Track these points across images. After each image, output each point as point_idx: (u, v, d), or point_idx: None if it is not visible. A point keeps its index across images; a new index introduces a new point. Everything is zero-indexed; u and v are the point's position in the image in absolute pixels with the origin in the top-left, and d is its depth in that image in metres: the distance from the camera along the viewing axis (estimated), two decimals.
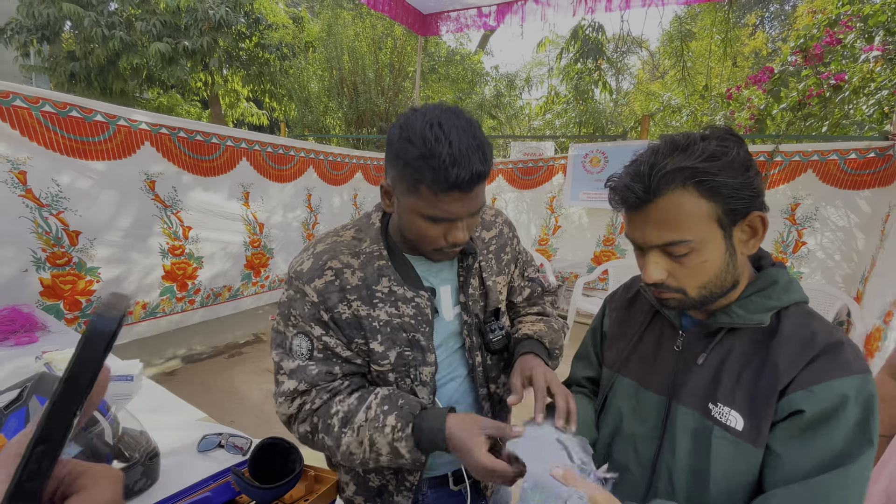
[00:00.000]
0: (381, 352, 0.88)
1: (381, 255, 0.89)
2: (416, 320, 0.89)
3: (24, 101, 2.38)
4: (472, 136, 0.74)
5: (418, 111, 0.77)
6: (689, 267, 0.70)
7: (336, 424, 0.83)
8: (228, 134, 3.55)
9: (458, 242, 0.82)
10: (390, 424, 0.80)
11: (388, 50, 8.39)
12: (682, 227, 0.67)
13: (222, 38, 6.83)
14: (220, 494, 1.00)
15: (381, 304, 0.87)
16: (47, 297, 2.64)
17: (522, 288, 1.11)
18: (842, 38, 3.79)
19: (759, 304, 0.73)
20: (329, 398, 0.86)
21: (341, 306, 0.86)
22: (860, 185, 3.30)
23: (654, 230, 0.69)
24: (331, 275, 0.87)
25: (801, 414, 0.65)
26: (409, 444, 0.80)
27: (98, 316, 0.29)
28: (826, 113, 4.16)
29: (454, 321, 0.97)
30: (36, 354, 1.61)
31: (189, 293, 3.49)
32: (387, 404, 0.83)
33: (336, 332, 0.87)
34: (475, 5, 3.87)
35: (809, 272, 3.58)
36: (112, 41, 6.38)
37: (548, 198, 4.87)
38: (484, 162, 0.75)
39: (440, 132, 0.72)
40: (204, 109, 10.49)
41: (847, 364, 0.66)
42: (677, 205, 0.67)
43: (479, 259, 0.98)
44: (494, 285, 1.00)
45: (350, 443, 0.83)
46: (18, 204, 2.45)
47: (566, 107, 8.92)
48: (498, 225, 1.06)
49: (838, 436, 0.64)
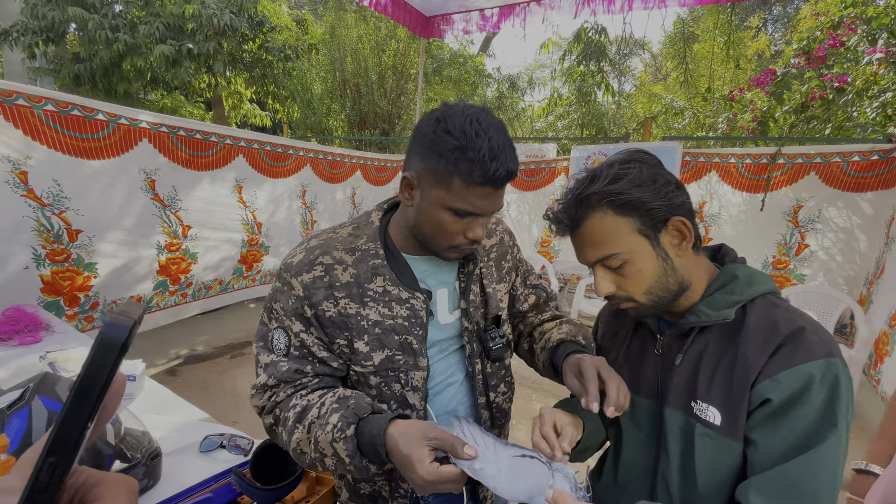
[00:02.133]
0: (365, 352, 0.85)
1: (378, 253, 0.87)
2: (410, 322, 0.86)
3: (26, 101, 2.40)
4: (505, 135, 0.78)
5: (455, 107, 0.79)
6: (628, 276, 0.77)
7: (291, 419, 0.80)
8: (228, 133, 3.57)
9: (477, 239, 0.83)
10: (332, 423, 0.75)
11: (391, 52, 8.41)
12: (609, 242, 0.75)
13: (227, 41, 6.85)
14: (222, 495, 1.01)
15: (372, 303, 0.85)
16: (48, 293, 2.66)
17: (527, 296, 1.08)
18: (845, 40, 3.78)
19: (722, 301, 0.77)
20: (293, 392, 0.84)
21: (327, 303, 0.84)
22: (863, 187, 3.29)
23: (588, 250, 0.78)
24: (320, 270, 0.85)
25: (769, 402, 0.68)
26: (350, 448, 0.73)
27: (109, 323, 0.29)
28: (829, 115, 4.15)
29: (450, 325, 0.94)
30: (40, 354, 1.62)
31: (181, 287, 3.50)
32: (338, 403, 0.78)
33: (317, 329, 0.85)
34: (477, 7, 3.88)
35: (812, 274, 3.57)
36: (116, 44, 6.41)
37: (550, 200, 4.87)
38: (515, 162, 0.78)
39: (479, 127, 0.74)
40: (207, 111, 10.53)
41: (809, 349, 0.68)
42: (598, 225, 0.76)
43: (479, 265, 0.97)
44: (495, 293, 0.99)
45: (300, 440, 0.79)
46: (21, 204, 2.47)
47: (568, 109, 8.92)
48: (498, 233, 1.04)
49: (804, 419, 0.67)
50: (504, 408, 1.04)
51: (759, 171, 3.64)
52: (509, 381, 1.05)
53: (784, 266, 3.68)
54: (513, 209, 5.14)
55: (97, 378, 0.28)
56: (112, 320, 0.29)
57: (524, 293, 1.08)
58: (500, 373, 1.02)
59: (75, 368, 1.48)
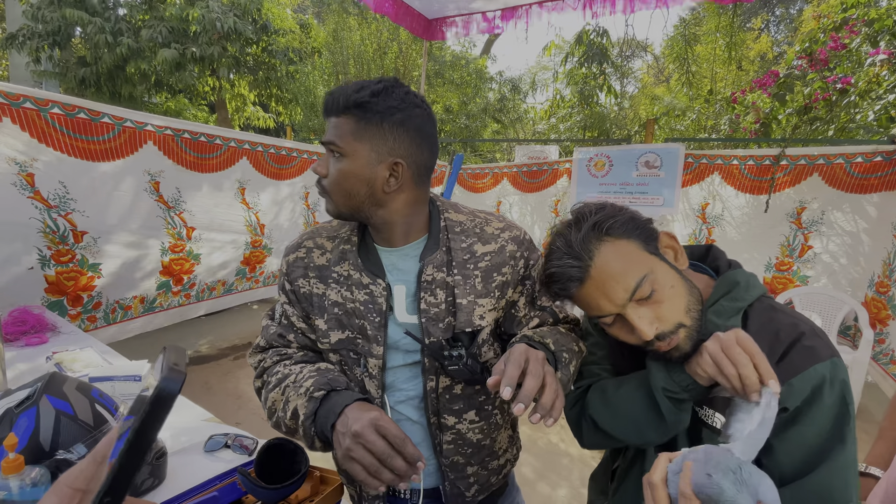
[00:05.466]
0: (323, 330, 0.90)
1: (350, 239, 0.91)
2: (367, 307, 0.86)
3: (33, 104, 2.42)
4: (377, 82, 0.81)
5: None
6: (665, 300, 0.70)
7: (272, 382, 0.87)
8: (232, 136, 3.59)
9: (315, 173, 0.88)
10: (306, 385, 0.79)
11: (393, 55, 8.45)
12: (631, 268, 0.70)
13: (231, 45, 6.90)
14: (227, 494, 1.01)
15: (335, 284, 0.89)
16: (52, 293, 2.68)
17: (529, 318, 0.94)
18: (847, 42, 3.78)
19: (729, 308, 0.75)
20: (279, 360, 0.92)
21: (302, 281, 0.92)
22: (867, 189, 3.28)
23: (613, 287, 0.70)
24: (303, 252, 0.93)
25: (786, 411, 0.68)
26: (310, 409, 0.75)
27: (166, 378, 0.32)
28: (832, 117, 4.15)
29: (411, 328, 0.88)
30: (46, 355, 1.63)
31: (185, 287, 3.51)
32: (316, 372, 0.84)
33: (295, 304, 0.93)
34: (480, 10, 3.89)
35: (815, 276, 3.56)
36: (119, 48, 6.45)
37: (552, 201, 4.87)
38: (355, 92, 0.79)
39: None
40: (211, 114, 10.58)
41: (815, 352, 0.69)
42: (612, 255, 0.71)
43: (453, 272, 0.87)
44: (471, 306, 0.87)
45: (276, 399, 0.84)
46: (28, 205, 2.49)
47: (571, 111, 8.93)
48: (501, 240, 0.91)
49: (820, 423, 0.67)
50: (471, 439, 0.93)
51: (762, 172, 3.64)
52: (488, 410, 0.94)
53: (787, 268, 3.67)
54: (515, 211, 5.14)
55: (154, 428, 0.31)
56: (168, 375, 0.32)
57: (528, 315, 0.94)
58: (472, 398, 0.92)
59: (81, 369, 1.49)
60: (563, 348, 0.81)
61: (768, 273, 3.71)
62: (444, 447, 0.92)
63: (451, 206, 0.95)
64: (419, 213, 0.89)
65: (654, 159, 3.93)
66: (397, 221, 0.86)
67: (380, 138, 0.79)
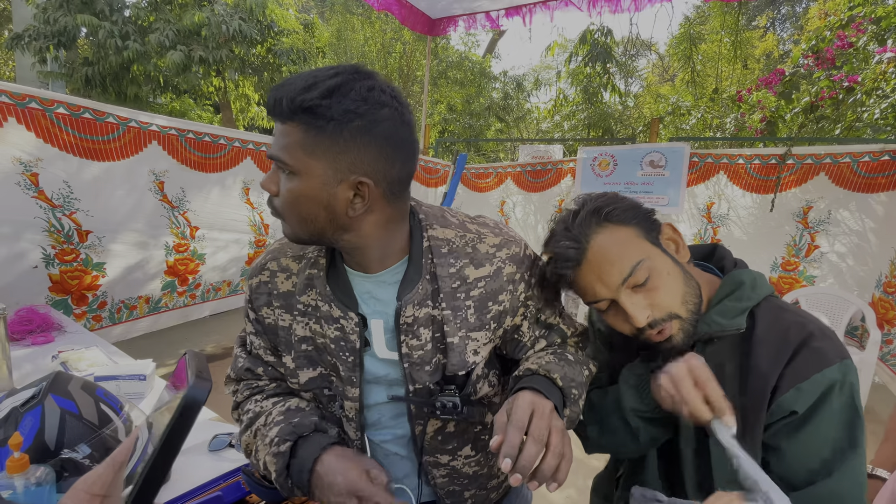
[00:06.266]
0: (291, 368, 0.78)
1: (317, 262, 0.76)
2: (338, 346, 0.74)
3: (39, 104, 2.44)
4: (325, 71, 0.64)
5: None
6: (660, 287, 0.70)
7: (244, 422, 0.81)
8: (237, 136, 3.60)
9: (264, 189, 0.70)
10: (270, 436, 0.72)
11: (397, 54, 8.45)
12: (627, 253, 0.70)
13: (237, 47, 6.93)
14: (231, 493, 1.01)
15: (301, 317, 0.76)
16: (56, 292, 2.70)
17: (536, 339, 0.82)
18: (854, 40, 3.75)
19: (733, 308, 0.73)
20: (249, 395, 0.84)
21: (266, 310, 0.80)
22: (874, 188, 3.25)
23: (608, 270, 0.70)
24: (266, 276, 0.81)
25: (795, 414, 0.67)
26: (279, 465, 0.69)
27: (193, 386, 0.33)
28: (838, 115, 4.11)
29: (393, 364, 0.76)
30: (52, 354, 1.64)
31: (190, 287, 3.53)
32: (283, 415, 0.75)
33: (262, 335, 0.83)
34: (483, 9, 3.89)
35: (822, 276, 3.53)
36: (127, 52, 6.49)
37: (556, 201, 4.86)
38: (305, 90, 0.60)
39: None
40: (216, 114, 10.63)
41: (825, 355, 0.67)
42: (609, 239, 0.71)
43: (440, 306, 0.72)
44: (463, 342, 0.74)
45: (248, 442, 0.78)
46: (32, 205, 2.51)
47: (574, 109, 8.91)
48: (497, 261, 0.75)
49: (830, 427, 0.66)
50: (467, 472, 0.85)
51: (768, 171, 3.61)
52: (485, 439, 0.85)
53: (794, 267, 3.65)
54: (518, 210, 5.14)
55: (182, 435, 0.33)
56: (196, 384, 0.33)
57: (532, 337, 0.82)
58: (466, 433, 0.83)
59: (87, 368, 1.50)
60: (573, 383, 0.73)
61: (774, 273, 3.69)
62: (437, 481, 0.85)
63: (437, 218, 0.77)
64: (396, 232, 0.72)
65: (658, 158, 3.91)
66: (369, 245, 0.70)
67: (337, 152, 0.61)
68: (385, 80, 0.66)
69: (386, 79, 0.68)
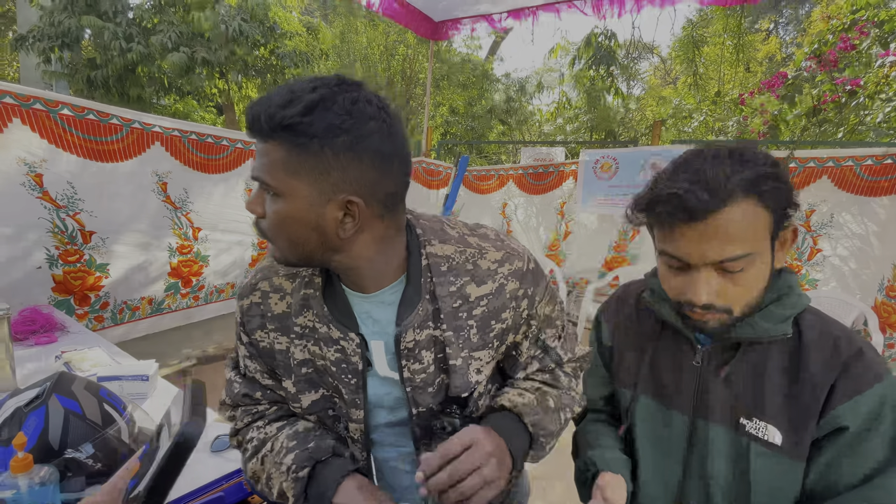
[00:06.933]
0: (293, 393, 0.76)
1: (313, 282, 0.73)
2: (339, 368, 0.72)
3: (43, 105, 2.45)
4: (305, 83, 0.62)
5: None
6: (741, 284, 0.66)
7: (249, 451, 0.78)
8: (239, 137, 3.61)
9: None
10: (286, 463, 0.71)
11: (399, 57, 8.48)
12: (745, 240, 0.63)
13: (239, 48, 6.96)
14: (233, 494, 1.02)
15: (298, 340, 0.73)
16: (59, 292, 2.71)
17: (530, 360, 0.80)
18: (857, 43, 3.75)
19: (779, 314, 0.70)
20: (251, 422, 0.81)
21: (260, 333, 0.76)
22: (877, 191, 3.25)
23: (715, 244, 0.63)
24: (257, 297, 0.76)
25: (846, 429, 0.66)
26: (298, 490, 0.69)
27: (189, 424, 0.34)
28: (841, 119, 4.11)
29: (395, 387, 0.76)
30: (55, 354, 1.65)
31: (193, 289, 3.54)
32: (295, 440, 0.74)
33: (257, 358, 0.79)
34: (486, 13, 3.90)
35: (824, 279, 3.53)
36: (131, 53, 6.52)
37: (558, 203, 4.86)
38: (281, 106, 0.57)
39: None
40: (219, 115, 10.67)
41: (876, 369, 0.67)
42: (740, 216, 0.62)
43: (440, 324, 0.70)
44: (465, 363, 0.72)
45: (255, 470, 0.76)
46: (37, 205, 2.52)
47: (577, 112, 8.92)
48: (499, 278, 0.72)
49: (881, 442, 0.66)
50: None
51: None
52: None
53: (796, 271, 3.64)
54: (520, 212, 5.14)
55: (174, 471, 0.33)
56: (191, 422, 0.33)
57: (528, 357, 0.80)
58: None
59: (90, 368, 1.51)
60: (542, 431, 0.73)
61: None
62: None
63: (435, 233, 0.73)
64: (391, 249, 0.69)
65: (661, 162, 3.91)
66: (363, 266, 0.68)
67: (322, 170, 0.58)
68: (371, 91, 0.62)
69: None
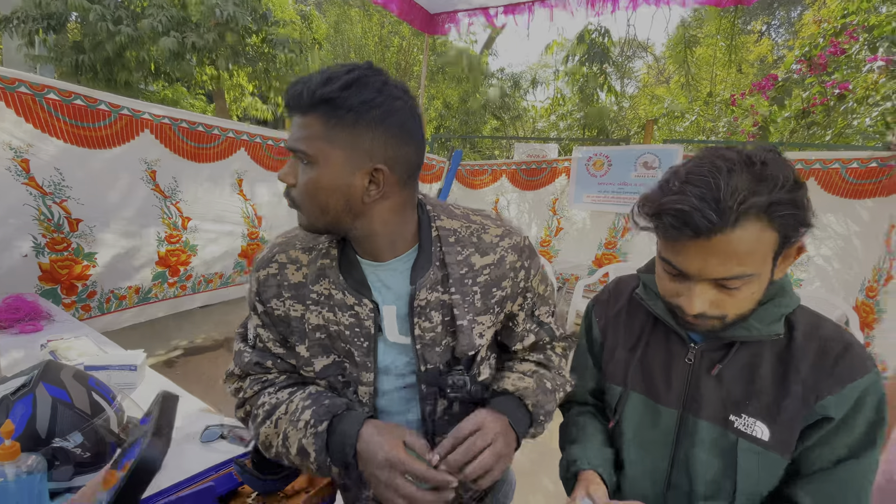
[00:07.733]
0: (306, 357, 0.81)
1: (329, 252, 0.79)
2: (353, 332, 0.78)
3: (28, 89, 2.39)
4: (339, 67, 0.71)
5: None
6: (737, 298, 0.67)
7: (260, 415, 0.80)
8: (231, 126, 3.56)
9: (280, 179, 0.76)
10: (304, 419, 0.74)
11: (394, 49, 8.41)
12: (750, 261, 0.62)
13: (229, 34, 6.84)
14: (223, 484, 1.02)
15: (314, 306, 0.78)
16: (45, 281, 2.66)
17: (526, 333, 0.88)
18: (846, 48, 3.80)
19: (772, 314, 0.72)
20: (260, 389, 0.84)
21: (276, 301, 0.81)
22: (861, 194, 3.31)
23: (717, 263, 0.63)
24: (274, 268, 0.82)
25: (830, 420, 0.70)
26: (319, 444, 0.71)
27: (149, 448, 0.33)
28: (829, 121, 4.17)
29: (404, 348, 0.81)
30: (41, 343, 1.63)
31: (181, 279, 3.50)
32: (310, 399, 0.77)
33: (270, 327, 0.84)
34: (483, 6, 3.88)
35: (809, 279, 3.59)
36: (119, 36, 6.38)
37: (550, 199, 4.88)
38: (321, 84, 0.66)
39: None
40: (209, 103, 10.51)
41: (863, 363, 0.70)
42: (748, 237, 0.61)
43: (450, 290, 0.77)
44: (470, 325, 0.79)
45: (268, 433, 0.79)
46: (22, 192, 2.47)
47: (571, 109, 8.94)
48: (500, 250, 0.81)
49: (859, 429, 0.69)
50: None
51: None
52: None
53: None
54: (513, 208, 5.15)
55: (133, 496, 0.32)
56: (152, 444, 0.33)
57: (525, 329, 0.87)
58: (468, 414, 0.86)
59: (76, 357, 1.49)
60: (542, 411, 0.81)
61: None
62: None
63: (443, 209, 0.83)
64: (406, 220, 0.77)
65: (652, 160, 3.95)
66: (381, 232, 0.75)
67: (355, 140, 0.67)
68: (395, 78, 0.71)
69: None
